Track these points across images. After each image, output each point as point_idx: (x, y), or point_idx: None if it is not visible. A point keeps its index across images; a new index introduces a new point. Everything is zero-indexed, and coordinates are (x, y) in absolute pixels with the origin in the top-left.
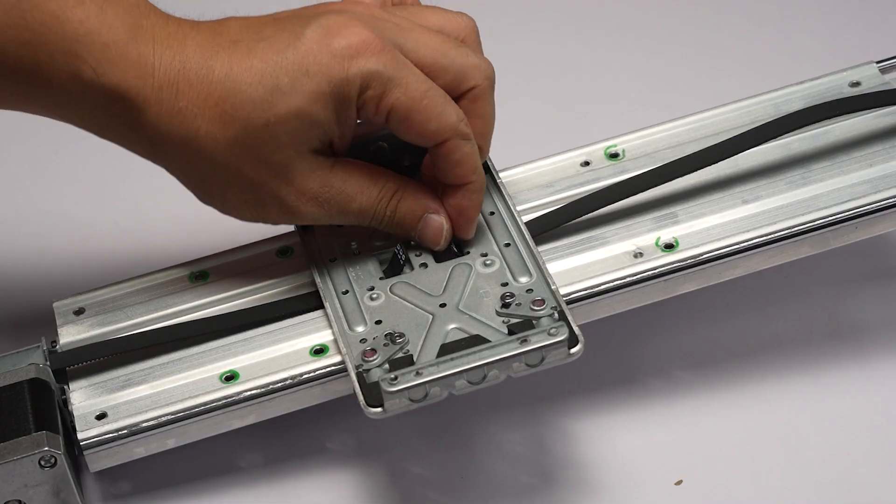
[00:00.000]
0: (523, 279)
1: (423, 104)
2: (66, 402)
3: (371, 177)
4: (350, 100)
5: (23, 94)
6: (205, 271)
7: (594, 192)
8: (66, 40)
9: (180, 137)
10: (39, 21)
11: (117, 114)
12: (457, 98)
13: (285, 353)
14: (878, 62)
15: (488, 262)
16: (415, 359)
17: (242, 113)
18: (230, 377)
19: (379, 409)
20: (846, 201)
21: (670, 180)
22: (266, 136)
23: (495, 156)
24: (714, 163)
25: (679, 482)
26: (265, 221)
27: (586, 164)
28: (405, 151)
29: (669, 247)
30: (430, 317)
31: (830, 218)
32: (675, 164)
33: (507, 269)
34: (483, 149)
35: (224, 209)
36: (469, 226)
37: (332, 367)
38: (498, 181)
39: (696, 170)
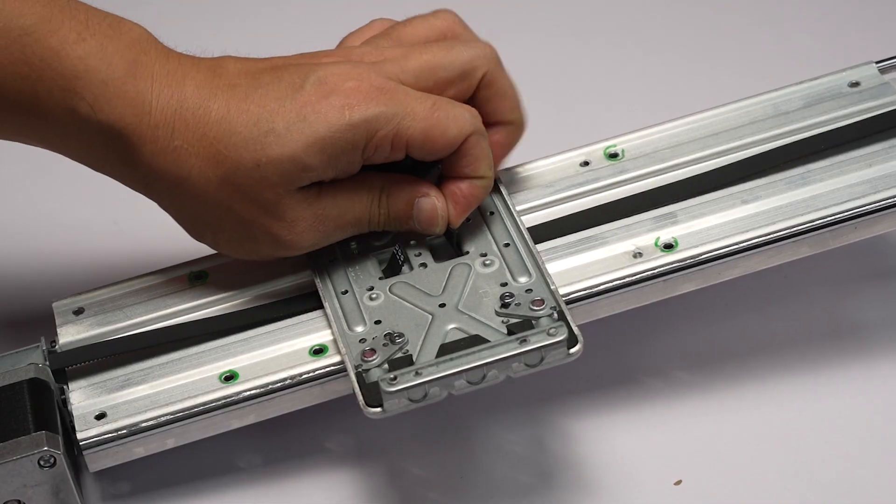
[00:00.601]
0: (523, 279)
1: (436, 117)
2: (65, 402)
3: (354, 185)
4: (355, 146)
5: (21, 126)
6: (204, 271)
7: (603, 205)
8: (64, 77)
9: (174, 176)
10: (39, 56)
11: (113, 150)
12: (475, 92)
13: (285, 353)
14: (877, 62)
15: (488, 263)
16: (414, 359)
17: (234, 153)
18: (229, 377)
19: (378, 409)
20: (845, 201)
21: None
22: (256, 175)
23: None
24: (737, 179)
25: (678, 482)
26: (259, 257)
27: (586, 163)
28: None
29: (669, 247)
30: (430, 317)
31: (830, 218)
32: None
33: (506, 270)
34: (518, 122)
35: (216, 246)
36: (463, 214)
37: (332, 368)
38: (498, 181)
39: (713, 188)
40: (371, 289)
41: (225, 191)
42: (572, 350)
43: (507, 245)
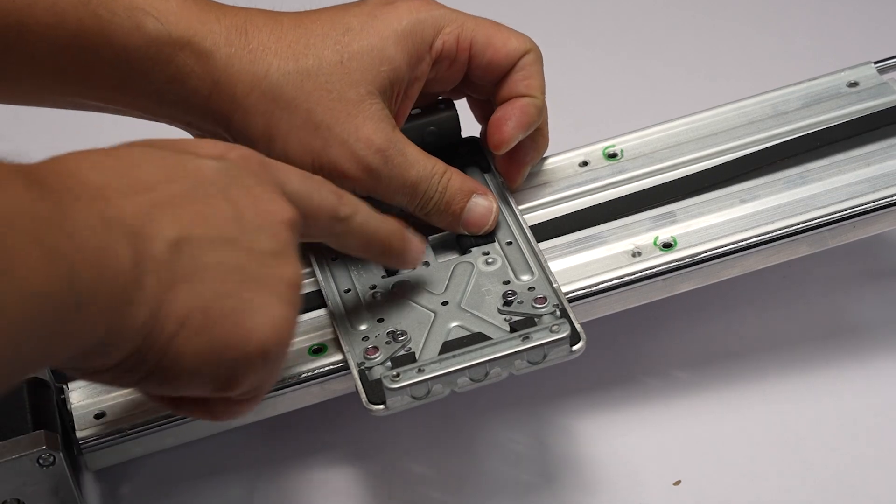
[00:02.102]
0: (525, 277)
1: (497, 30)
2: (64, 402)
3: (424, 152)
4: (425, 40)
5: (84, 59)
6: None
7: (602, 204)
8: None
9: (251, 76)
10: None
11: (182, 63)
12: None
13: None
14: (876, 62)
15: (490, 261)
16: (417, 356)
17: (316, 49)
18: None
19: (381, 407)
20: (844, 200)
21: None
22: (339, 71)
23: None
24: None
25: (678, 482)
26: (322, 172)
27: (585, 164)
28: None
29: (668, 246)
30: (433, 314)
31: (828, 217)
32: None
33: (508, 268)
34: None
35: (284, 156)
36: (513, 133)
37: (331, 367)
38: (499, 180)
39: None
40: (374, 287)
41: (307, 87)
42: (575, 347)
43: (509, 243)
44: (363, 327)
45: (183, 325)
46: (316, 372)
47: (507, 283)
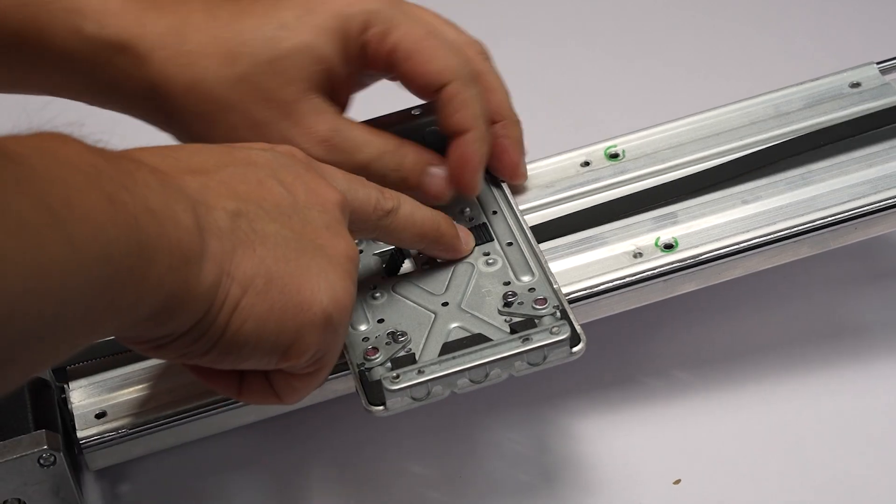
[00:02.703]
0: (525, 278)
1: (426, 44)
2: (65, 401)
3: (373, 131)
4: (353, 36)
5: (24, 60)
6: None
7: (603, 204)
8: None
9: (187, 80)
10: None
11: (120, 65)
12: None
13: None
14: (878, 63)
15: (490, 262)
16: (417, 357)
17: (249, 49)
18: None
19: (381, 408)
20: (846, 202)
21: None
22: (273, 71)
23: None
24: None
25: (677, 482)
26: None
27: (586, 164)
28: None
29: (669, 247)
30: (433, 315)
31: (830, 218)
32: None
33: (509, 269)
34: (511, 117)
35: None
36: (473, 178)
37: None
38: (500, 180)
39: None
40: (374, 287)
41: (241, 90)
42: (575, 349)
43: (509, 244)
44: (363, 328)
45: (246, 290)
46: None
47: (507, 283)
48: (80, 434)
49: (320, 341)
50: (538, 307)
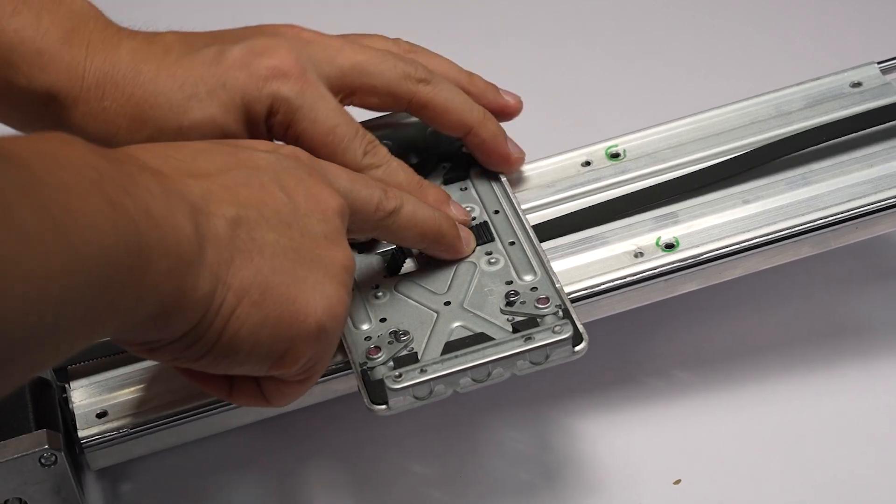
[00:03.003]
0: (528, 277)
1: (329, 139)
2: (66, 401)
3: None
4: (259, 119)
5: None
6: None
7: (606, 201)
8: (1, 49)
9: (102, 137)
10: None
11: (48, 116)
12: (418, 111)
13: None
14: (879, 63)
15: (493, 261)
16: (419, 356)
17: (158, 114)
18: None
19: (383, 407)
20: (846, 201)
21: (686, 192)
22: (178, 138)
23: None
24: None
25: (678, 481)
26: None
27: (587, 164)
28: (411, 149)
29: (670, 246)
30: (435, 315)
31: (831, 218)
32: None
33: (511, 268)
34: (475, 125)
35: None
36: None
37: (332, 367)
38: (502, 180)
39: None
40: (376, 287)
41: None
42: (577, 348)
43: (512, 243)
44: (365, 327)
45: (242, 299)
46: None
47: (509, 283)
48: (81, 433)
49: (313, 351)
50: (540, 306)
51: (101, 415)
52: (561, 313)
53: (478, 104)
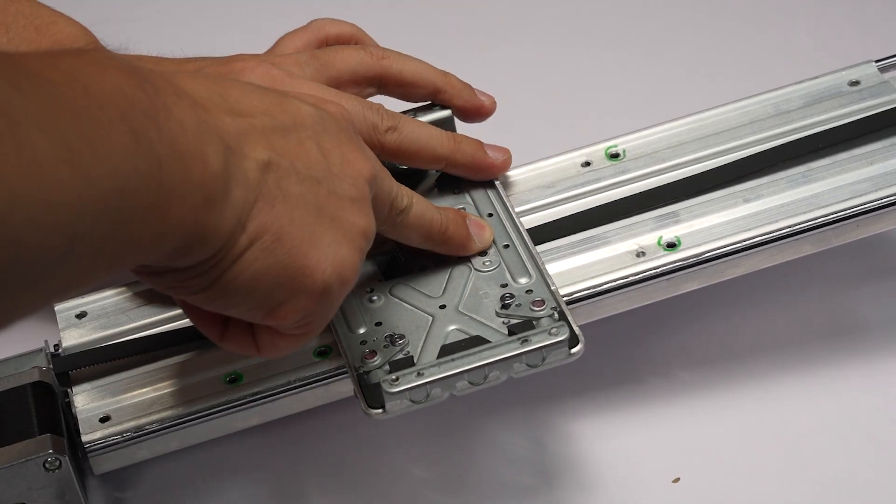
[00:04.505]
0: (523, 280)
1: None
2: (69, 406)
3: None
4: None
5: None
6: None
7: (605, 205)
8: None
9: None
10: None
11: None
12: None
13: (289, 355)
14: (877, 61)
15: (487, 264)
16: (415, 360)
17: None
18: (234, 379)
19: (380, 411)
20: (847, 199)
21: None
22: None
23: None
24: (735, 178)
25: (677, 480)
26: None
27: (587, 164)
28: None
29: (671, 246)
30: (430, 318)
31: (832, 216)
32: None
33: (506, 271)
34: (450, 156)
35: None
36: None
37: (336, 370)
38: (496, 182)
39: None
40: (371, 291)
41: None
42: (573, 350)
43: (506, 246)
44: (361, 331)
45: (254, 242)
46: (321, 375)
47: (504, 286)
48: (84, 438)
49: (313, 308)
50: (536, 309)
51: (105, 419)
52: (557, 315)
53: (446, 130)
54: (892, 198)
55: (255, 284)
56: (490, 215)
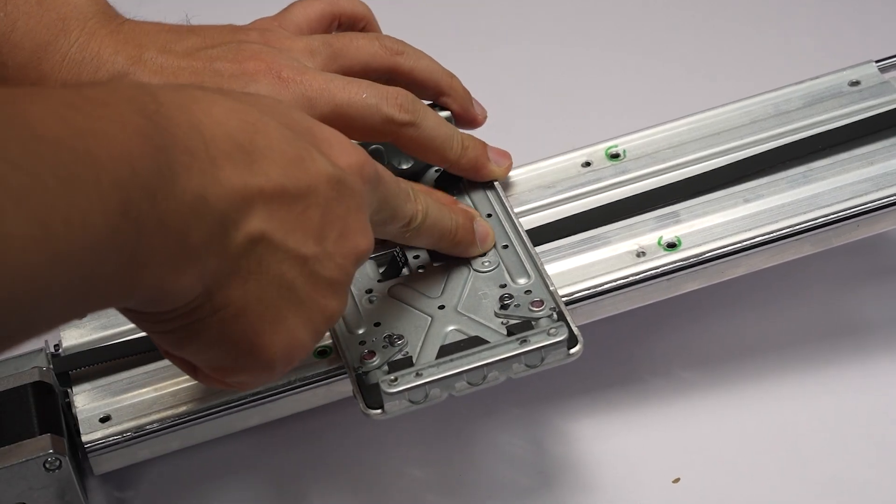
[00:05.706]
0: (522, 280)
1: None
2: (69, 406)
3: None
4: None
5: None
6: None
7: (605, 205)
8: None
9: None
10: None
11: None
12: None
13: None
14: (877, 61)
15: (486, 264)
16: (414, 360)
17: None
18: None
19: (379, 411)
20: (847, 199)
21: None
22: None
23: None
24: (737, 178)
25: (677, 480)
26: None
27: (587, 164)
28: (402, 154)
29: (672, 246)
30: (429, 318)
31: (832, 216)
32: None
33: (505, 271)
34: (455, 160)
35: None
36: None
37: (336, 370)
38: (494, 183)
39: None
40: (370, 291)
41: None
42: (572, 350)
43: (505, 247)
44: (360, 331)
45: (215, 312)
46: (321, 375)
47: (503, 286)
48: (84, 438)
49: (250, 380)
50: (535, 309)
51: (105, 419)
52: (555, 316)
53: (458, 130)
54: (892, 198)
55: (208, 347)
56: (489, 216)
